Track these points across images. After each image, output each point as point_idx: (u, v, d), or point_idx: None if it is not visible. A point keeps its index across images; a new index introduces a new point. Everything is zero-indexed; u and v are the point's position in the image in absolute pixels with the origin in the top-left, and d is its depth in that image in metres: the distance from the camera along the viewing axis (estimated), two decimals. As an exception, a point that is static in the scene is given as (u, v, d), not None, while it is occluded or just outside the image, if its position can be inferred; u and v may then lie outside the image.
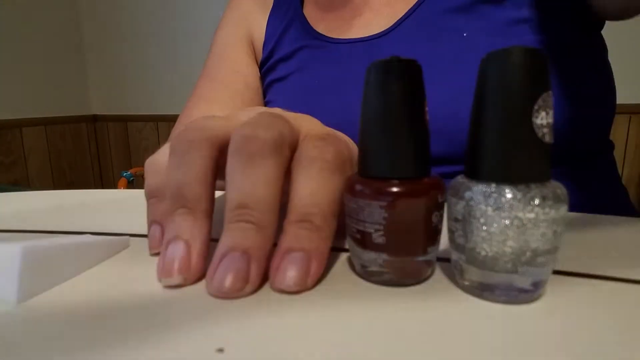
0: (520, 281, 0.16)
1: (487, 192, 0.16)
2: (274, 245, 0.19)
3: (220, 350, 0.14)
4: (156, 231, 0.22)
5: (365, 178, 0.18)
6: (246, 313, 0.16)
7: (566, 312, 0.16)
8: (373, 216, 0.18)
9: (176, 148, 0.20)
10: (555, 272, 0.20)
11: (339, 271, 0.20)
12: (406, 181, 0.17)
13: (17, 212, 0.33)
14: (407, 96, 0.17)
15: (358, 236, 0.18)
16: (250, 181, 0.18)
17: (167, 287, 0.19)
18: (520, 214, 0.16)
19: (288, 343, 0.14)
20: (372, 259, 0.18)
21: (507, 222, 0.16)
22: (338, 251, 0.23)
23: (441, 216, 0.18)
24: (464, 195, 0.17)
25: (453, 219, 0.18)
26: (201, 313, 0.16)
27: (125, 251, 0.24)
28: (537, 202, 0.16)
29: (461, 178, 0.18)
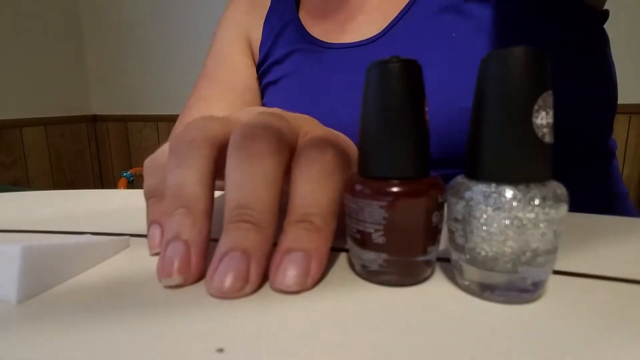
0: (520, 281, 0.16)
1: (487, 192, 0.16)
2: (274, 245, 0.19)
3: (220, 350, 0.14)
4: (156, 231, 0.22)
5: (365, 178, 0.18)
6: (246, 313, 0.16)
7: (566, 312, 0.16)
8: (373, 216, 0.18)
9: (175, 148, 0.20)
10: (555, 272, 0.20)
11: (339, 271, 0.20)
12: (406, 181, 0.17)
13: (17, 212, 0.33)
14: (407, 96, 0.17)
15: (358, 236, 0.18)
16: (249, 181, 0.18)
17: (167, 287, 0.19)
18: (520, 214, 0.16)
19: (288, 343, 0.14)
20: (372, 259, 0.18)
21: (507, 222, 0.16)
22: (338, 251, 0.23)
23: (441, 216, 0.18)
24: (464, 195, 0.17)
25: (453, 219, 0.18)
26: (201, 313, 0.16)
27: (125, 251, 0.24)
28: (537, 202, 0.16)
29: (461, 178, 0.18)
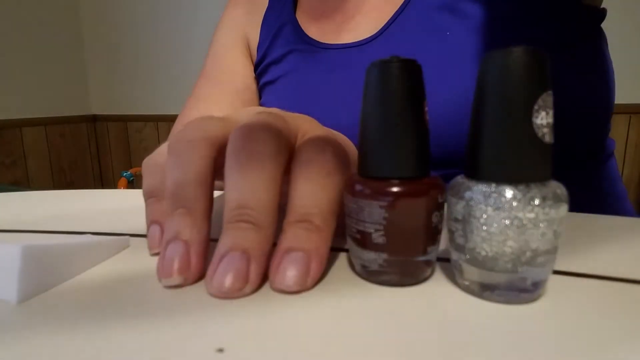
0: (520, 281, 0.16)
1: (487, 192, 0.16)
2: (274, 245, 0.19)
3: (220, 350, 0.14)
4: (155, 231, 0.22)
5: (365, 178, 0.18)
6: (246, 313, 0.16)
7: (566, 312, 0.16)
8: (373, 216, 0.18)
9: (175, 148, 0.20)
10: (555, 272, 0.20)
11: (339, 271, 0.20)
12: (406, 181, 0.17)
13: (17, 212, 0.33)
14: (407, 96, 0.17)
15: (358, 236, 0.18)
16: (249, 181, 0.18)
17: (167, 287, 0.19)
18: (520, 214, 0.16)
19: (288, 343, 0.14)
20: (372, 259, 0.18)
21: (507, 222, 0.16)
22: (338, 251, 0.23)
23: (441, 216, 0.18)
24: (464, 195, 0.17)
25: (453, 219, 0.18)
26: (201, 313, 0.16)
27: (125, 251, 0.24)
28: (537, 202, 0.16)
29: (461, 178, 0.18)
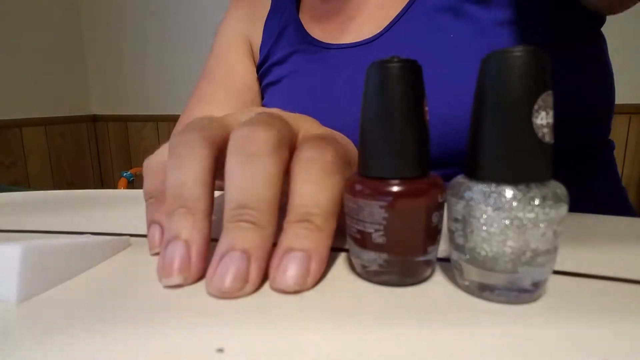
0: (520, 281, 0.16)
1: (487, 192, 0.16)
2: (274, 245, 0.19)
3: (220, 350, 0.14)
4: (156, 231, 0.22)
5: (365, 178, 0.18)
6: (246, 313, 0.16)
7: (566, 312, 0.16)
8: (373, 216, 0.18)
9: (175, 148, 0.20)
10: (555, 272, 0.20)
11: (339, 271, 0.20)
12: (406, 181, 0.17)
13: (17, 212, 0.33)
14: (407, 96, 0.17)
15: (358, 236, 0.18)
16: (249, 181, 0.18)
17: (167, 287, 0.19)
18: (520, 214, 0.16)
19: (288, 343, 0.14)
20: (372, 259, 0.18)
21: (507, 222, 0.16)
22: (338, 251, 0.23)
23: (441, 216, 0.18)
24: (464, 195, 0.17)
25: (453, 219, 0.18)
26: (201, 313, 0.16)
27: (125, 251, 0.24)
28: (537, 202, 0.16)
29: (461, 178, 0.18)
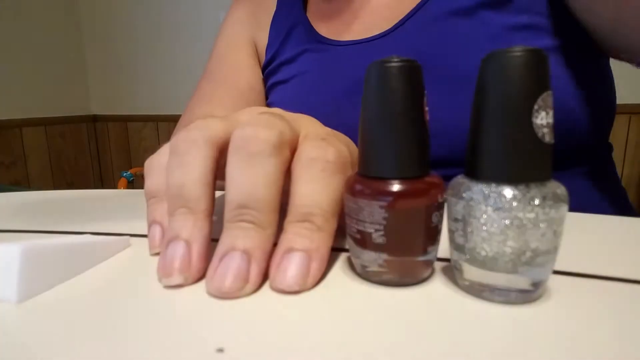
0: (520, 281, 0.16)
1: (487, 192, 0.16)
2: (274, 245, 0.19)
3: (220, 350, 0.14)
4: (156, 231, 0.22)
5: (365, 178, 0.18)
6: (246, 313, 0.16)
7: (566, 312, 0.16)
8: (373, 216, 0.18)
9: (176, 148, 0.20)
10: (555, 272, 0.20)
11: (339, 271, 0.20)
12: (406, 181, 0.17)
13: (17, 212, 0.33)
14: (407, 96, 0.17)
15: (358, 236, 0.18)
16: (250, 181, 0.18)
17: (168, 287, 0.19)
18: (520, 214, 0.16)
19: (288, 343, 0.14)
20: (372, 259, 0.18)
21: (507, 222, 0.16)
22: (338, 251, 0.23)
23: (441, 216, 0.18)
24: (464, 195, 0.17)
25: (453, 219, 0.18)
26: (201, 313, 0.16)
27: (125, 251, 0.24)
28: (537, 202, 0.16)
29: (461, 178, 0.18)
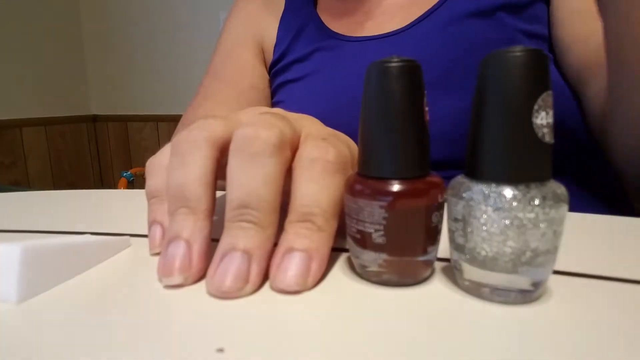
0: (520, 281, 0.16)
1: (487, 192, 0.16)
2: (275, 245, 0.19)
3: (220, 350, 0.14)
4: (157, 231, 0.22)
5: (365, 178, 0.18)
6: (246, 313, 0.16)
7: (566, 313, 0.16)
8: (373, 216, 0.18)
9: (177, 148, 0.20)
10: (555, 272, 0.20)
11: (339, 271, 0.20)
12: (406, 181, 0.17)
13: (17, 212, 0.33)
14: (407, 96, 0.17)
15: (358, 236, 0.18)
16: (251, 181, 0.18)
17: (168, 287, 0.19)
18: (520, 214, 0.16)
19: (288, 343, 0.14)
20: (372, 259, 0.18)
21: (507, 222, 0.16)
22: (338, 251, 0.23)
23: (441, 216, 0.18)
24: (464, 195, 0.17)
25: (453, 219, 0.18)
26: (201, 313, 0.16)
27: (125, 251, 0.24)
28: (537, 202, 0.16)
29: (461, 178, 0.18)
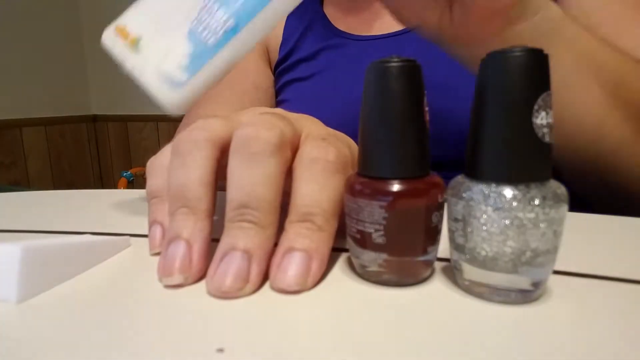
0: (520, 281, 0.16)
1: (487, 192, 0.16)
2: (275, 244, 0.19)
3: (220, 350, 0.14)
4: (157, 231, 0.22)
5: (365, 178, 0.18)
6: (246, 313, 0.16)
7: (566, 313, 0.16)
8: (373, 216, 0.18)
9: (178, 148, 0.20)
10: (555, 272, 0.20)
11: (339, 271, 0.20)
12: (406, 181, 0.17)
13: (17, 212, 0.33)
14: (407, 96, 0.17)
15: (358, 236, 0.18)
16: (251, 181, 0.18)
17: (168, 287, 0.19)
18: (520, 214, 0.16)
19: (288, 343, 0.14)
20: (372, 259, 0.18)
21: (507, 222, 0.16)
22: (338, 251, 0.23)
23: (441, 216, 0.18)
24: (464, 195, 0.17)
25: (453, 219, 0.18)
26: (201, 313, 0.16)
27: (125, 251, 0.24)
28: (537, 202, 0.16)
29: (461, 178, 0.18)
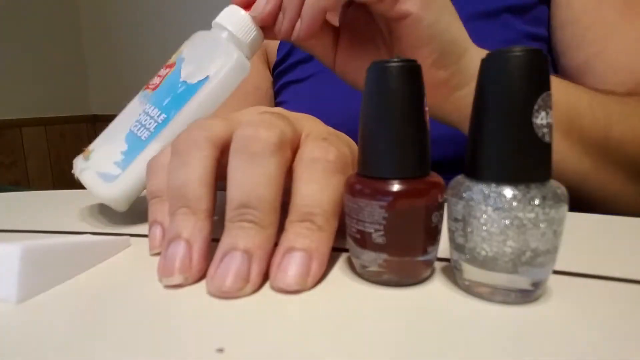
0: (520, 281, 0.16)
1: (487, 192, 0.16)
2: (275, 244, 0.19)
3: (220, 350, 0.14)
4: (157, 231, 0.22)
5: (365, 178, 0.18)
6: (246, 313, 0.16)
7: (566, 313, 0.16)
8: (373, 216, 0.18)
9: (178, 148, 0.20)
10: (555, 272, 0.20)
11: (339, 271, 0.20)
12: (406, 181, 0.17)
13: (17, 212, 0.33)
14: (407, 96, 0.17)
15: (358, 236, 0.18)
16: (251, 181, 0.18)
17: (168, 287, 0.19)
18: (520, 214, 0.16)
19: (288, 343, 0.14)
20: (372, 259, 0.18)
21: (507, 222, 0.16)
22: (338, 251, 0.23)
23: (441, 216, 0.18)
24: (464, 195, 0.17)
25: (453, 219, 0.18)
26: (201, 313, 0.17)
27: (125, 251, 0.24)
28: (537, 202, 0.16)
29: (461, 178, 0.18)
